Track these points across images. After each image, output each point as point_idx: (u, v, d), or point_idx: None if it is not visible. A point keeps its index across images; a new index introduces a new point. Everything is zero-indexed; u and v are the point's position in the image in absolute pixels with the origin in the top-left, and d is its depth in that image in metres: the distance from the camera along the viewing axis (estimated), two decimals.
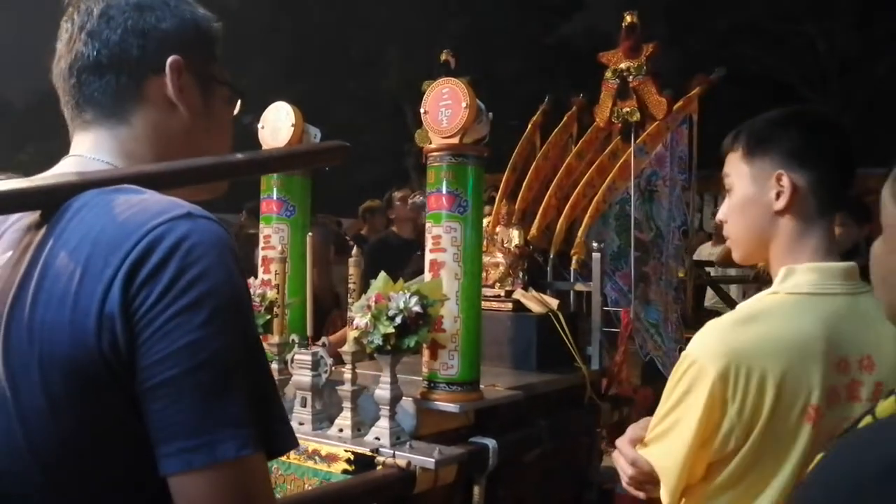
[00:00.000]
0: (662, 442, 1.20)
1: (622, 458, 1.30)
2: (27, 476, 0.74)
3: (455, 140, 2.04)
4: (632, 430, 1.30)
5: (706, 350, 1.15)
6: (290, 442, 0.78)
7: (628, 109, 2.93)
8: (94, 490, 0.75)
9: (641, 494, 1.30)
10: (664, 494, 1.20)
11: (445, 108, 2.06)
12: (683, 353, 1.19)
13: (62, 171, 0.88)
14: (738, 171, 1.27)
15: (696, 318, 3.21)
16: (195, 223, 0.75)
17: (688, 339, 3.18)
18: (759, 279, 4.53)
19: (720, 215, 1.34)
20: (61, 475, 0.74)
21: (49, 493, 0.74)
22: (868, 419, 0.62)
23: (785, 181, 1.20)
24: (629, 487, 1.31)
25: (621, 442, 1.31)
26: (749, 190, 1.25)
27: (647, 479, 1.24)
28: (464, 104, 2.02)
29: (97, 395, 0.72)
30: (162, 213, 0.74)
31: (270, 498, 0.77)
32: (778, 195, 1.21)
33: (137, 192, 0.78)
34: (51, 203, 0.79)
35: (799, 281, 1.20)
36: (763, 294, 1.23)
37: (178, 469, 0.71)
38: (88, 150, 0.89)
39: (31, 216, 0.81)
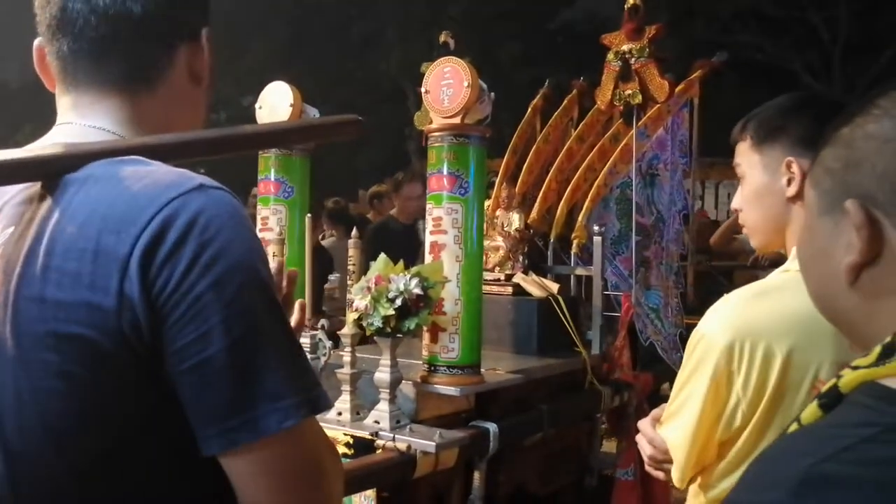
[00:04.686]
0: (675, 418, 1.20)
1: (643, 437, 1.30)
2: (44, 457, 0.71)
3: (457, 120, 2.01)
4: (656, 410, 1.31)
5: (715, 324, 1.15)
6: (326, 402, 0.77)
7: (630, 92, 2.88)
8: (123, 476, 0.72)
9: (661, 475, 1.29)
10: (673, 471, 1.20)
11: (447, 87, 2.02)
12: (695, 329, 1.19)
13: (62, 139, 0.82)
14: (749, 160, 1.27)
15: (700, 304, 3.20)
16: (208, 195, 0.72)
17: (687, 324, 3.18)
18: (755, 267, 4.52)
19: (735, 204, 1.33)
20: (80, 455, 0.71)
21: (71, 473, 0.71)
22: (794, 426, 0.59)
23: (795, 168, 1.19)
24: (650, 469, 1.31)
25: (643, 423, 1.32)
26: (762, 179, 1.25)
27: (665, 459, 1.24)
28: (465, 83, 1.99)
29: (117, 374, 0.70)
30: (173, 187, 0.71)
31: (322, 462, 0.76)
32: (789, 182, 1.20)
33: (144, 164, 0.75)
34: (54, 174, 0.75)
35: None
36: (776, 272, 1.22)
37: (222, 449, 0.70)
38: (92, 118, 0.83)
39: (31, 189, 0.77)
